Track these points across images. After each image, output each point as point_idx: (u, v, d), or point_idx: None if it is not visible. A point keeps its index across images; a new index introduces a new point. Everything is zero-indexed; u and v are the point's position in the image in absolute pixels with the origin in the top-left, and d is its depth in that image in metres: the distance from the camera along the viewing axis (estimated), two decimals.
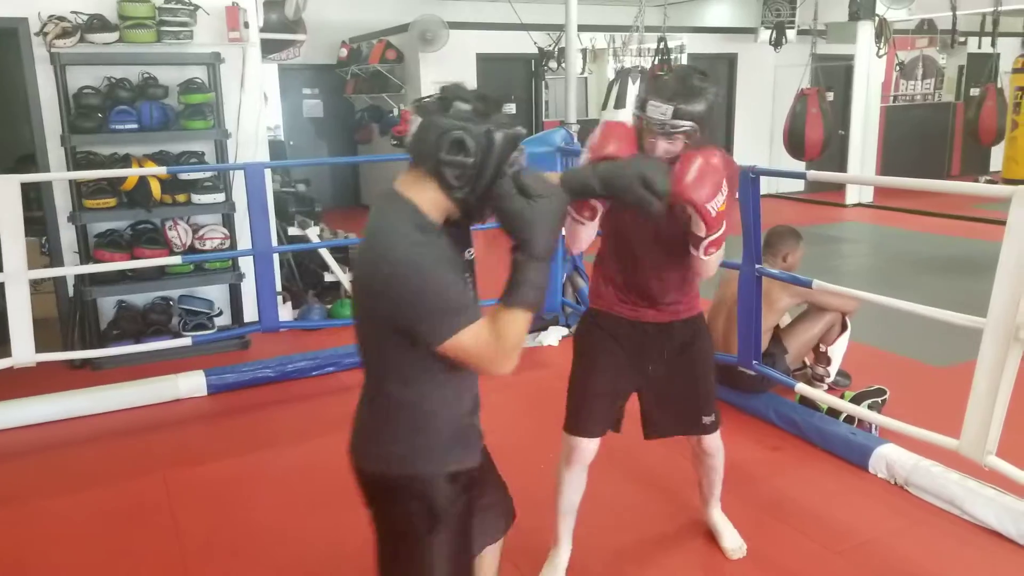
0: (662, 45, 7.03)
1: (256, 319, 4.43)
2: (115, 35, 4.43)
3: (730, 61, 10.42)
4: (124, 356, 4.37)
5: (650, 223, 2.07)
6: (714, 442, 2.47)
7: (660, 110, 1.95)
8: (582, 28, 5.15)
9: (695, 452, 2.53)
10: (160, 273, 4.60)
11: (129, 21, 4.44)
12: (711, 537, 2.72)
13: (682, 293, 2.29)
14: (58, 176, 4.39)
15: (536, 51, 8.78)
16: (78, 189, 4.40)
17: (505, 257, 1.51)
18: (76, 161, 4.39)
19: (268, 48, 5.79)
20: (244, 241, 4.78)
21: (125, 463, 3.39)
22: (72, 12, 4.35)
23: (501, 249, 1.52)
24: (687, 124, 1.95)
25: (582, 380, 2.34)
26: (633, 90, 5.93)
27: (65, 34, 4.30)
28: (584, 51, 9.75)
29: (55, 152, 4.45)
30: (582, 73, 10.19)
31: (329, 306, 5.57)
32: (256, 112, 5.04)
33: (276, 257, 4.45)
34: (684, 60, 9.14)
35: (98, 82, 4.51)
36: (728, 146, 10.59)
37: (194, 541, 2.78)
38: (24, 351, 3.61)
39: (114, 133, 4.44)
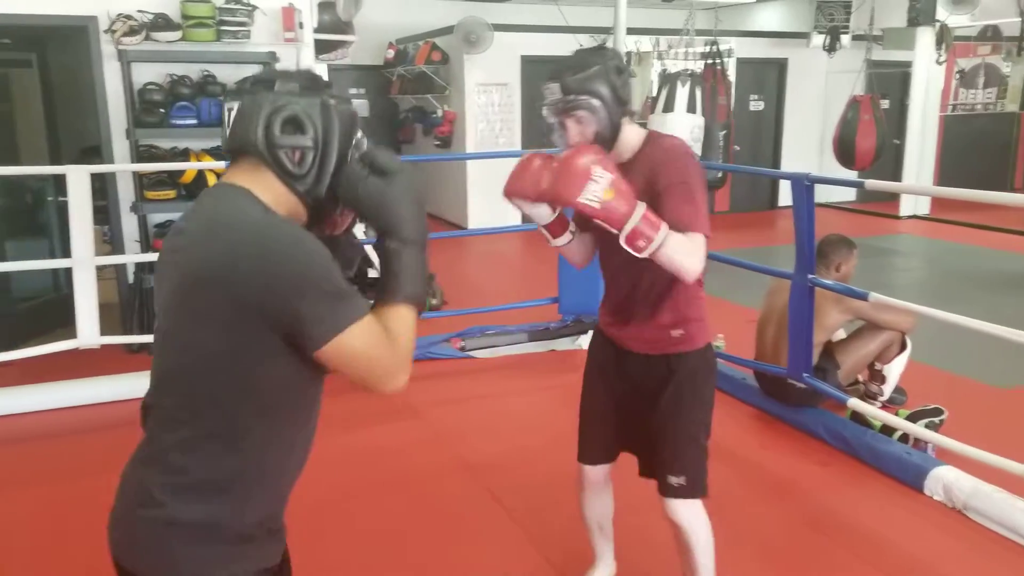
0: (713, 48, 6.99)
1: None
2: (178, 34, 4.56)
3: (780, 66, 10.31)
4: None
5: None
6: (682, 511, 2.01)
7: (549, 89, 1.84)
8: (629, 31, 5.13)
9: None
10: None
11: (191, 20, 4.58)
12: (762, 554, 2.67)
13: (667, 320, 1.98)
14: (123, 168, 4.54)
15: None
16: (140, 181, 4.55)
17: (544, 255, 1.38)
18: (139, 154, 4.54)
19: (319, 49, 5.89)
20: None
21: None
22: (138, 11, 4.49)
23: (538, 247, 1.33)
24: (582, 98, 1.80)
25: (581, 404, 2.22)
26: (683, 93, 5.91)
27: (132, 32, 4.44)
28: (629, 54, 9.73)
29: (119, 145, 4.61)
30: None
31: (372, 302, 5.65)
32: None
33: None
34: (732, 64, 9.08)
35: (161, 79, 4.66)
36: (776, 153, 10.48)
37: None
38: (90, 333, 3.75)
39: (175, 128, 4.58)
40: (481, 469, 3.22)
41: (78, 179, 3.75)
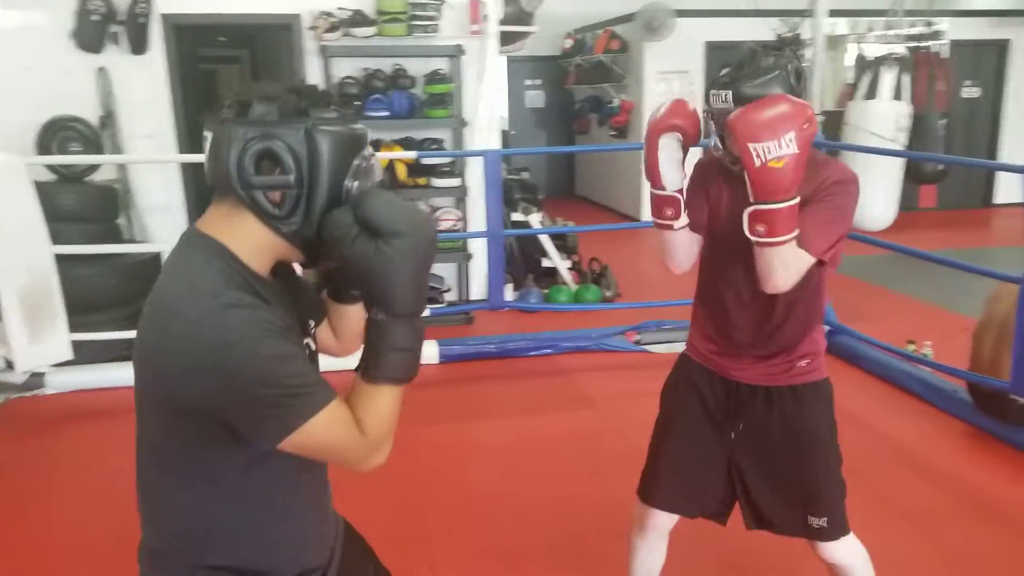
0: (927, 29, 6.33)
1: (480, 297, 4.64)
2: (373, 29, 4.81)
3: (1000, 48, 9.25)
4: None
5: (737, 210, 1.63)
6: (837, 553, 1.83)
7: (720, 98, 1.64)
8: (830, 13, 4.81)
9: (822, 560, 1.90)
10: None
11: (385, 16, 4.80)
12: None
13: (788, 342, 1.75)
14: None
15: (772, 38, 8.34)
16: None
17: (646, 256, 1.16)
18: None
19: (501, 40, 5.99)
20: (473, 224, 5.02)
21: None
22: (338, 8, 4.77)
23: (640, 247, 1.13)
24: None
25: (656, 439, 1.95)
26: (888, 79, 5.41)
27: (331, 28, 4.73)
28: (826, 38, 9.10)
29: None
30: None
31: (546, 291, 5.69)
32: (492, 101, 5.24)
33: None
34: (946, 47, 8.26)
35: (357, 72, 4.92)
36: (992, 145, 9.43)
37: (406, 493, 2.96)
38: None
39: (368, 120, 4.82)
40: None
41: None
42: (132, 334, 1.13)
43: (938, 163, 5.99)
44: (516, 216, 5.98)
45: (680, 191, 1.75)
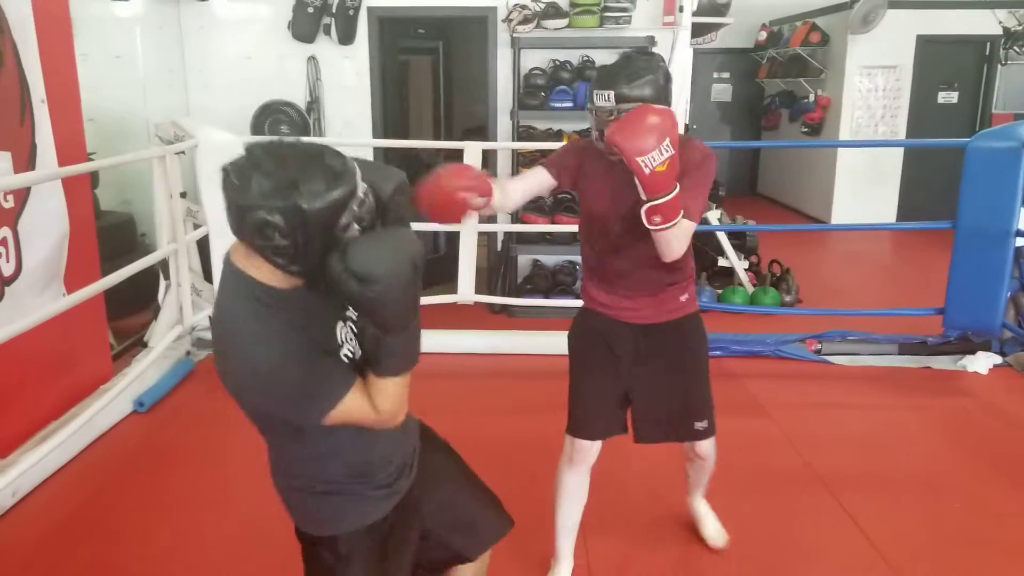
0: None
1: None
2: (565, 21, 4.85)
3: None
4: (534, 308, 4.86)
5: (618, 195, 2.02)
6: (708, 447, 2.34)
7: (603, 97, 1.93)
8: None
9: (687, 453, 2.42)
10: (572, 239, 4.97)
11: (578, 8, 4.83)
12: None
13: (665, 286, 2.15)
14: (508, 145, 4.97)
15: (997, 32, 7.54)
16: (517, 158, 4.95)
17: (922, 260, 1.18)
18: (519, 134, 4.94)
19: (693, 32, 5.84)
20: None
21: (528, 401, 3.71)
22: (533, 1, 4.86)
23: (913, 250, 1.19)
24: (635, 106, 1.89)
25: (575, 381, 2.27)
26: None
27: (525, 20, 4.83)
28: None
29: (503, 124, 5.07)
30: None
31: (720, 291, 5.50)
32: (679, 93, 5.13)
33: None
34: None
35: (545, 64, 4.99)
36: None
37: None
38: (467, 291, 4.22)
39: (553, 110, 4.89)
40: (837, 485, 2.95)
41: (472, 153, 4.19)
42: None
43: None
44: None
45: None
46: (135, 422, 3.51)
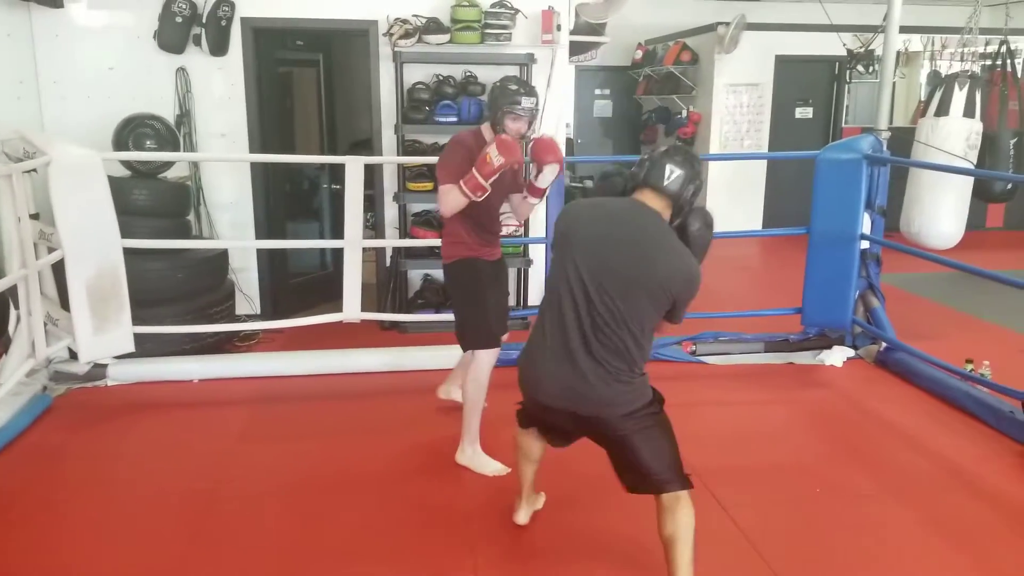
0: (1002, 48, 6.18)
1: (537, 303, 4.66)
2: (446, 36, 4.91)
3: None
4: (425, 323, 4.85)
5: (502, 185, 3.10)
6: (476, 356, 3.18)
7: (531, 102, 3.08)
8: (901, 30, 4.72)
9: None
10: None
11: (460, 24, 4.90)
12: None
13: (499, 235, 3.35)
14: (392, 160, 4.96)
15: (842, 53, 8.18)
16: (404, 173, 4.96)
17: (785, 263, 1.34)
18: (404, 148, 4.95)
19: (572, 50, 6.04)
20: (534, 229, 5.07)
21: (417, 416, 3.73)
22: (413, 15, 4.89)
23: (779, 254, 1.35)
24: (539, 109, 3.36)
25: (480, 303, 3.18)
26: (960, 97, 5.27)
27: (407, 35, 4.85)
28: (897, 54, 8.88)
29: (388, 139, 5.07)
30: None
31: None
32: (558, 110, 5.29)
33: None
34: (1020, 66, 7.97)
35: (428, 78, 5.03)
36: None
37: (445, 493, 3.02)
38: (353, 309, 4.16)
39: (438, 124, 4.92)
40: (711, 478, 3.11)
41: (354, 169, 4.17)
42: (194, 328, 1.26)
43: (1008, 182, 5.81)
44: None
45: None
46: None
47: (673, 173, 2.24)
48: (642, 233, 2.21)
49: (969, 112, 5.21)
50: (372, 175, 5.13)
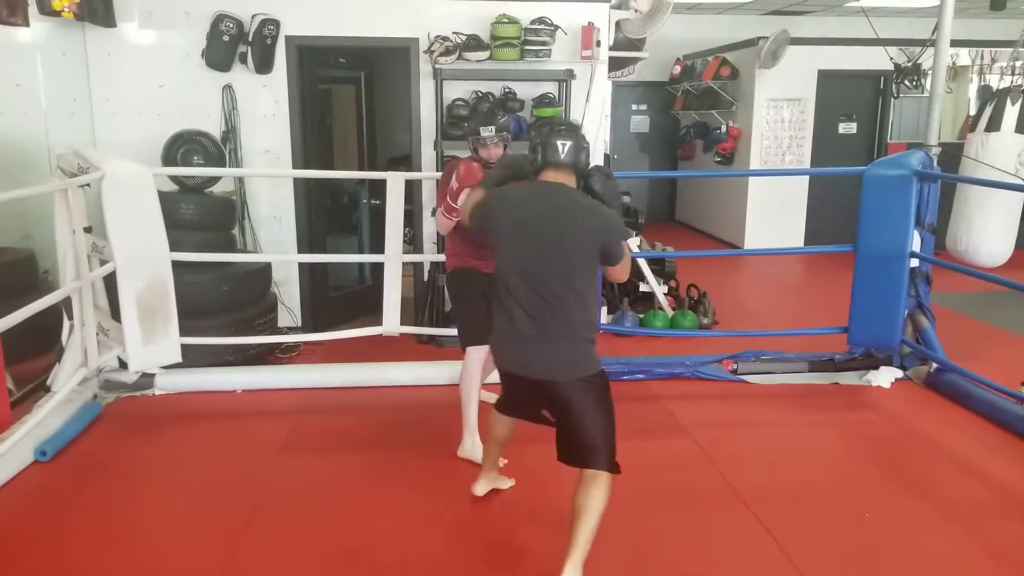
0: None
1: None
2: (486, 53, 4.94)
3: None
4: None
5: None
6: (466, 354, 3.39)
7: (490, 131, 3.25)
8: (952, 44, 4.62)
9: None
10: None
11: (499, 41, 4.92)
12: None
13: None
14: (432, 175, 4.96)
15: (889, 67, 8.05)
16: None
17: (829, 282, 1.31)
18: (442, 163, 4.97)
19: (611, 66, 6.03)
20: None
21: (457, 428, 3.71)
22: (454, 33, 4.93)
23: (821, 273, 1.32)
24: (502, 136, 3.29)
25: (470, 308, 3.31)
26: (1013, 112, 5.14)
27: (447, 52, 4.89)
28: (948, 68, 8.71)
29: (427, 154, 5.10)
30: None
31: (641, 315, 5.64)
32: (597, 125, 5.28)
33: None
34: None
35: (467, 95, 5.06)
36: None
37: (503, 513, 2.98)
38: (392, 322, 4.18)
39: None
40: (753, 500, 3.05)
41: (396, 184, 4.20)
42: (238, 340, 1.28)
43: None
44: None
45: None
46: (37, 472, 3.29)
47: (565, 146, 2.50)
48: (560, 200, 2.48)
49: (1021, 128, 5.07)
50: (411, 190, 5.16)
